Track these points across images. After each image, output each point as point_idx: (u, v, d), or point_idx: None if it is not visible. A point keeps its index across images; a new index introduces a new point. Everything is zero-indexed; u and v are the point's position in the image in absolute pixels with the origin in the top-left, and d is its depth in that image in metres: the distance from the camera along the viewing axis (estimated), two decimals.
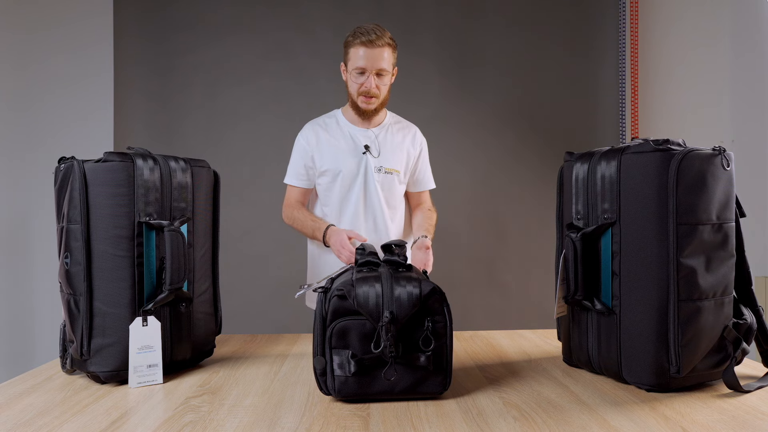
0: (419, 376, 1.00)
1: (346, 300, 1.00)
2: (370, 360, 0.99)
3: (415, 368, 1.00)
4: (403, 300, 0.99)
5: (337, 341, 1.00)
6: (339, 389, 0.99)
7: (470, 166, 3.12)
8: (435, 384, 1.01)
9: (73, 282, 1.09)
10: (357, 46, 1.67)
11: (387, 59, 1.69)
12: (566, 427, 0.88)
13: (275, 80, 3.07)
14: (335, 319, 1.00)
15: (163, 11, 3.04)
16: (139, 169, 1.11)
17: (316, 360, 1.01)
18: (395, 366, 0.99)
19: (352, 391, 0.99)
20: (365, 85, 1.69)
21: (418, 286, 1.02)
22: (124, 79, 2.99)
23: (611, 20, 3.21)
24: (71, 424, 0.90)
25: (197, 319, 1.23)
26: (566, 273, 1.12)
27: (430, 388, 1.01)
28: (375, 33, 1.66)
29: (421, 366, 1.00)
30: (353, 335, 1.00)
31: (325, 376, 1.01)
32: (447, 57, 3.13)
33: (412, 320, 1.01)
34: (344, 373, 0.99)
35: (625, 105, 3.18)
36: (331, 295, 1.01)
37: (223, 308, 1.35)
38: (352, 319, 1.00)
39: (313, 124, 1.82)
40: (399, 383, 1.00)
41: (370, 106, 1.73)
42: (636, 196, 1.04)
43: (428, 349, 1.00)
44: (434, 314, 1.02)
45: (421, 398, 1.01)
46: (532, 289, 3.11)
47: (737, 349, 1.05)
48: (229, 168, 2.71)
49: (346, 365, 0.99)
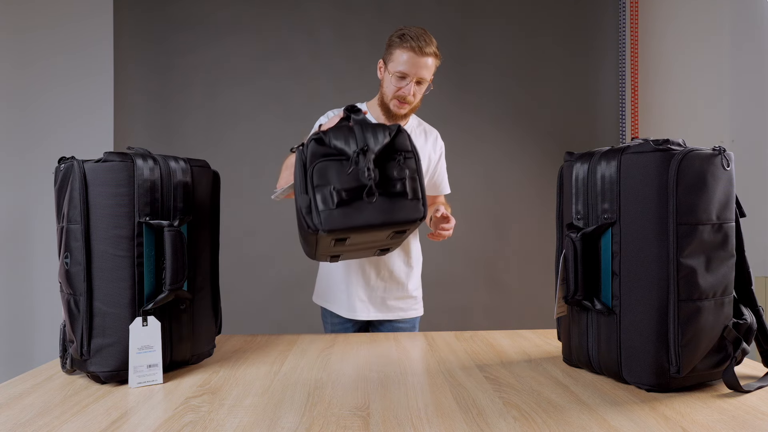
0: (398, 204, 1.08)
1: (323, 143, 1.08)
2: (351, 191, 1.06)
3: (394, 198, 1.08)
4: (373, 138, 1.09)
5: (319, 179, 1.06)
6: (325, 221, 1.05)
7: (470, 166, 3.13)
8: (413, 210, 1.09)
9: (73, 282, 1.09)
10: (403, 50, 1.63)
11: (430, 68, 1.67)
12: (566, 427, 0.88)
13: (275, 80, 3.08)
14: (314, 161, 1.07)
15: (163, 11, 3.04)
16: (139, 169, 1.11)
17: (300, 198, 1.07)
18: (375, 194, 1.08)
19: (337, 223, 1.05)
20: (403, 90, 1.66)
21: (386, 127, 1.12)
22: (124, 79, 2.99)
23: (611, 20, 3.21)
24: (71, 424, 0.90)
25: (197, 319, 1.23)
26: (566, 273, 1.12)
27: (411, 215, 1.09)
28: (424, 40, 1.63)
29: (398, 192, 1.08)
30: (332, 173, 1.06)
31: (311, 213, 1.06)
32: (447, 57, 3.12)
33: (385, 156, 1.09)
34: (327, 207, 1.05)
35: (625, 105, 3.18)
36: (309, 140, 1.09)
37: (223, 308, 1.35)
38: (331, 159, 1.07)
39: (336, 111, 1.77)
40: (380, 213, 1.07)
41: (401, 111, 1.71)
42: (636, 196, 1.04)
43: (402, 176, 1.08)
44: (404, 150, 1.11)
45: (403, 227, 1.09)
46: (532, 289, 3.11)
47: (737, 349, 1.05)
48: (229, 168, 2.71)
49: (329, 198, 1.05)
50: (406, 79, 1.65)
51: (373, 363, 1.26)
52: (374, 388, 1.07)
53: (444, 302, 2.99)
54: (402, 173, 1.09)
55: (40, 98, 2.89)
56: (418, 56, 1.62)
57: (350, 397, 1.02)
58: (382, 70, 1.72)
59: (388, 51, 1.68)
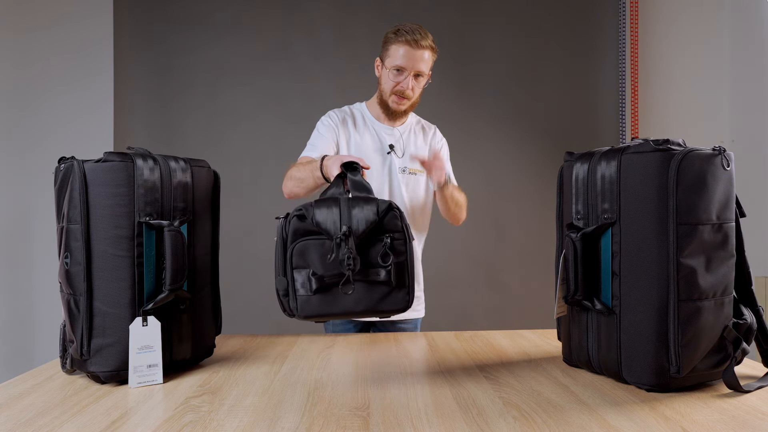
0: (382, 292, 1.02)
1: (305, 219, 1.02)
2: (331, 277, 1.00)
3: (377, 285, 1.01)
4: (359, 217, 1.02)
5: (298, 261, 1.02)
6: (301, 308, 1.00)
7: (470, 166, 3.12)
8: (398, 300, 1.02)
9: (73, 282, 1.09)
10: (399, 44, 1.62)
11: (427, 62, 1.65)
12: (566, 427, 0.88)
13: (275, 80, 3.08)
14: (296, 240, 1.02)
15: (163, 11, 3.04)
16: (139, 169, 1.11)
17: (277, 280, 1.03)
18: (356, 283, 1.01)
19: (314, 310, 1.01)
20: (401, 85, 1.64)
21: (376, 205, 1.04)
22: (124, 79, 2.99)
23: (611, 20, 3.21)
24: (71, 424, 0.90)
25: (197, 319, 1.23)
26: (566, 273, 1.12)
27: (393, 305, 1.02)
28: (419, 33, 1.61)
29: (383, 281, 1.01)
30: (313, 254, 1.01)
31: (287, 296, 1.02)
32: (447, 57, 3.12)
33: (371, 239, 1.02)
34: (306, 291, 1.01)
35: (625, 105, 3.18)
36: (291, 216, 1.03)
37: (223, 308, 1.35)
38: (312, 239, 1.02)
39: (340, 112, 1.76)
40: (361, 301, 1.01)
41: (401, 106, 1.69)
42: (636, 196, 1.04)
43: (387, 263, 1.01)
44: (393, 231, 1.03)
45: (385, 315, 1.02)
46: (532, 289, 3.11)
47: (737, 349, 1.05)
48: (229, 168, 2.71)
49: (308, 283, 1.01)
50: (403, 73, 1.63)
51: (373, 363, 1.26)
52: (374, 388, 1.07)
53: (444, 302, 2.99)
54: (387, 259, 1.02)
55: (40, 98, 2.88)
56: (414, 49, 1.60)
57: (350, 397, 1.02)
58: (380, 68, 1.71)
59: (385, 47, 1.68)
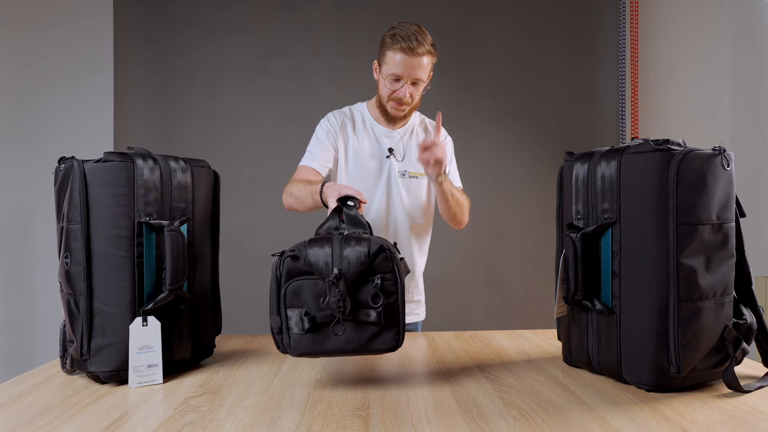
0: (372, 332, 1.05)
1: (298, 260, 1.05)
2: (323, 317, 1.04)
3: (367, 325, 1.05)
4: (351, 259, 1.04)
5: (291, 300, 1.05)
6: (294, 346, 1.04)
7: (470, 166, 3.12)
8: (387, 340, 1.05)
9: (73, 282, 1.09)
10: (395, 51, 1.55)
11: (425, 68, 1.58)
12: (566, 427, 0.88)
13: (275, 80, 3.08)
14: (289, 279, 1.05)
15: (163, 11, 3.04)
16: (139, 169, 1.11)
17: (272, 319, 1.06)
18: (347, 323, 1.04)
19: (306, 348, 1.04)
20: (398, 93, 1.59)
21: (367, 245, 1.06)
22: (124, 79, 2.99)
23: (611, 20, 3.21)
24: (71, 424, 0.90)
25: (197, 319, 1.23)
26: (566, 273, 1.12)
27: (383, 345, 1.05)
28: (416, 39, 1.53)
29: (373, 322, 1.04)
30: (307, 294, 1.04)
31: (281, 334, 1.06)
32: (447, 56, 3.12)
33: (362, 279, 1.05)
34: (299, 330, 1.04)
35: (625, 105, 3.18)
36: (285, 257, 1.06)
37: (223, 308, 1.35)
38: (306, 279, 1.05)
39: (340, 114, 1.72)
40: (352, 340, 1.04)
41: (399, 112, 1.65)
42: (636, 196, 1.04)
43: (378, 305, 1.04)
44: (384, 272, 1.06)
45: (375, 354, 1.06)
46: (532, 289, 3.11)
47: (737, 349, 1.05)
48: (229, 168, 2.71)
49: (300, 323, 1.04)
50: (400, 81, 1.58)
51: (373, 363, 1.26)
52: (374, 388, 1.07)
53: (444, 302, 2.99)
54: (377, 300, 1.04)
55: (40, 98, 2.88)
56: (410, 57, 1.54)
57: (350, 397, 1.02)
58: (377, 72, 1.66)
59: (381, 52, 1.62)
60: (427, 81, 1.65)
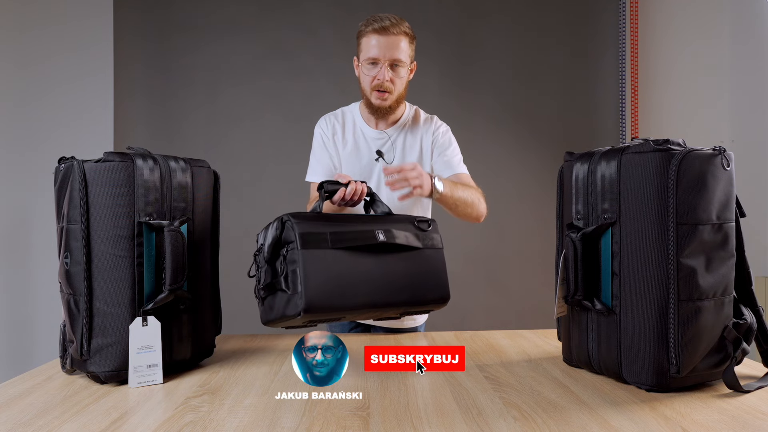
0: (282, 300, 1.16)
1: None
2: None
3: (278, 293, 1.16)
4: (267, 235, 1.19)
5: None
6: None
7: (470, 166, 3.11)
8: (294, 305, 1.14)
9: (73, 282, 1.09)
10: (369, 35, 1.52)
11: (403, 49, 1.54)
12: (566, 427, 0.88)
13: (275, 80, 3.07)
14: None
15: (163, 11, 3.04)
16: (139, 169, 1.11)
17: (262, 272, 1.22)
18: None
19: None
20: (378, 78, 1.54)
21: (280, 219, 1.18)
22: (124, 79, 2.99)
23: (611, 20, 3.21)
24: (71, 424, 0.90)
25: (197, 319, 1.23)
26: (566, 273, 1.12)
27: (291, 309, 1.15)
28: (390, 20, 1.51)
29: (281, 288, 1.15)
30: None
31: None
32: (447, 56, 3.13)
33: (276, 253, 1.17)
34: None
35: (625, 105, 3.18)
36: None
37: (223, 308, 1.35)
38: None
39: (332, 118, 1.71)
40: (272, 310, 1.18)
41: (384, 102, 1.58)
42: (636, 196, 1.04)
43: (283, 271, 1.15)
44: (288, 243, 1.16)
45: (289, 320, 1.17)
46: (532, 289, 3.11)
47: (737, 349, 1.05)
48: (229, 168, 2.71)
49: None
50: (378, 64, 1.53)
51: None
52: (374, 388, 1.07)
53: None
54: (283, 267, 1.15)
55: (41, 98, 2.88)
56: (385, 37, 1.50)
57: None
58: (357, 66, 1.63)
59: (357, 42, 1.59)
60: (410, 66, 1.60)
